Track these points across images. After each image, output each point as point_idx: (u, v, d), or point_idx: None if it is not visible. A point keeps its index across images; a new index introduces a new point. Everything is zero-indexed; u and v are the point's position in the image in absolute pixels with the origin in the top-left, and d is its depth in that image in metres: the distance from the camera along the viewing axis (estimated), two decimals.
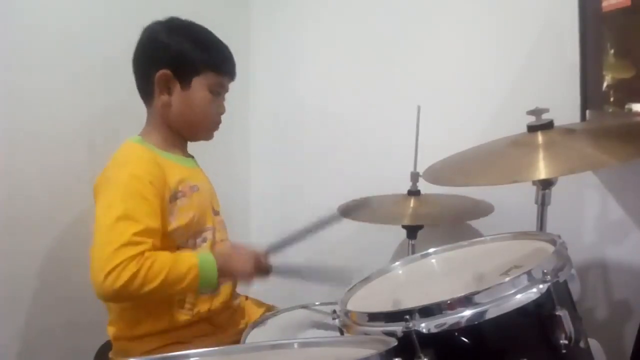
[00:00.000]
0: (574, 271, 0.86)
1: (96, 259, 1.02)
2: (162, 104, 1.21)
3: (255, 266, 1.17)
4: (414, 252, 1.42)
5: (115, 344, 1.19)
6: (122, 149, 1.19)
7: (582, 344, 0.84)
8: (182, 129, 1.26)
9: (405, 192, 1.47)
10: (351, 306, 0.93)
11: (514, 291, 0.79)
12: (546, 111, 1.14)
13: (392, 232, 1.59)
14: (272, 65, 1.96)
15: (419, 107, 1.45)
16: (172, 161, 1.22)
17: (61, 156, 1.36)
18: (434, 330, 0.78)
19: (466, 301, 0.79)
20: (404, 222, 1.41)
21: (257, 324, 1.21)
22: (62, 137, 1.36)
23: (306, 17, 1.88)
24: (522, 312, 0.78)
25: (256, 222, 1.99)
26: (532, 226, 1.20)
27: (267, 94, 1.97)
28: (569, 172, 1.09)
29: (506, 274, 0.90)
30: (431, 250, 1.12)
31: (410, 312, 0.79)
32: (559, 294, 0.80)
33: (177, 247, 1.17)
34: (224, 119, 1.31)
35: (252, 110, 1.99)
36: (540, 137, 1.10)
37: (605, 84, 1.30)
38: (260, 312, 1.34)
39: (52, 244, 1.34)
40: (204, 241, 1.22)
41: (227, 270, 1.14)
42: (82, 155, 1.40)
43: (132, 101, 1.25)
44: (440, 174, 1.21)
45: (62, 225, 1.36)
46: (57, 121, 1.34)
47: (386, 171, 1.66)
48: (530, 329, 0.81)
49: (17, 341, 1.28)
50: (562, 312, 0.78)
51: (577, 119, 1.39)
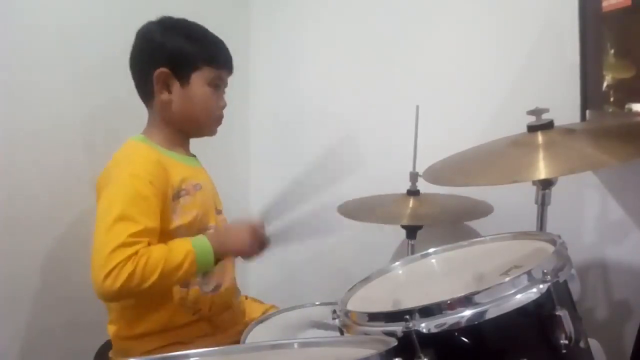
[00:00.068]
0: (574, 271, 0.86)
1: (95, 261, 1.03)
2: (163, 102, 1.21)
3: (253, 239, 1.16)
4: (413, 252, 1.42)
5: (115, 343, 1.19)
6: (124, 148, 1.19)
7: (582, 344, 0.84)
8: (185, 126, 1.26)
9: (404, 192, 1.47)
10: (351, 306, 0.93)
11: (514, 291, 0.79)
12: (546, 111, 1.14)
13: (392, 232, 1.59)
14: (272, 65, 1.96)
15: (418, 107, 1.45)
16: (175, 160, 1.22)
17: (61, 156, 1.36)
18: (434, 330, 0.78)
19: (466, 301, 0.78)
20: (403, 222, 1.41)
21: (257, 323, 1.21)
22: (62, 137, 1.36)
23: (306, 17, 1.88)
24: (522, 312, 0.78)
25: None
26: (532, 226, 1.20)
27: (267, 94, 1.97)
28: (569, 172, 1.09)
29: (506, 274, 0.90)
30: (431, 250, 1.12)
31: (410, 312, 0.79)
32: (559, 294, 0.80)
33: None
34: (224, 118, 1.31)
35: (252, 110, 1.99)
36: (540, 137, 1.10)
37: (605, 84, 1.30)
38: (260, 312, 1.35)
39: (52, 244, 1.34)
40: None
41: (224, 248, 1.14)
42: (82, 155, 1.40)
43: (132, 101, 1.25)
44: (440, 174, 1.21)
45: (62, 225, 1.36)
46: (57, 121, 1.35)
47: (386, 171, 1.66)
48: (530, 329, 0.81)
49: (17, 341, 1.29)
50: (562, 312, 0.78)
51: (577, 119, 1.39)
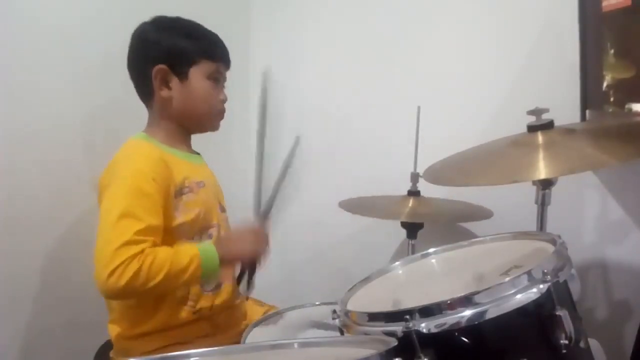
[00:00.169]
0: (574, 271, 0.86)
1: (99, 258, 1.02)
2: (163, 99, 1.21)
3: (256, 241, 1.17)
4: (414, 252, 1.42)
5: (116, 343, 1.19)
6: (126, 146, 1.19)
7: (582, 344, 0.84)
8: (186, 121, 1.26)
9: (405, 193, 1.47)
10: (351, 306, 0.93)
11: (514, 291, 0.79)
12: (546, 111, 1.14)
13: (392, 232, 1.59)
14: (272, 65, 1.95)
15: (419, 108, 1.45)
16: (178, 157, 1.22)
17: (61, 156, 1.36)
18: (434, 330, 0.78)
19: (466, 301, 0.78)
20: (402, 218, 1.40)
21: (257, 323, 1.21)
22: (62, 136, 1.36)
23: (306, 17, 1.88)
24: (522, 312, 0.78)
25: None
26: (532, 226, 1.20)
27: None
28: (569, 172, 1.09)
29: (506, 274, 0.90)
30: (431, 250, 1.12)
31: (410, 312, 0.79)
32: (559, 294, 0.80)
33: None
34: (224, 118, 1.31)
35: (252, 110, 1.98)
36: (540, 137, 1.10)
37: (605, 84, 1.30)
38: (260, 313, 1.34)
39: (52, 244, 1.34)
40: (210, 238, 1.22)
41: (229, 254, 1.14)
42: (82, 155, 1.40)
43: (132, 101, 1.26)
44: (440, 174, 1.21)
45: (62, 225, 1.36)
46: (57, 121, 1.35)
47: (386, 171, 1.66)
48: (530, 329, 0.81)
49: (17, 341, 1.29)
50: (562, 312, 0.78)
51: (577, 119, 1.39)
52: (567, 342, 0.78)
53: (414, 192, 1.46)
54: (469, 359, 0.80)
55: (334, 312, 0.92)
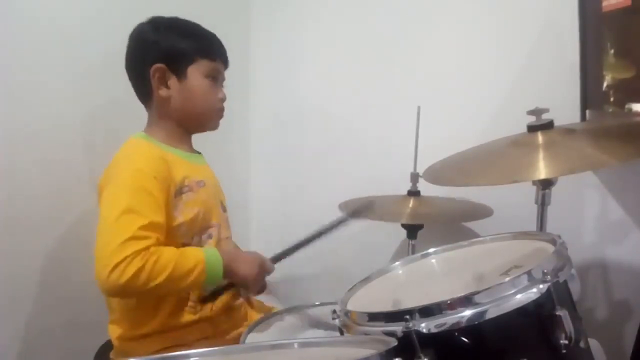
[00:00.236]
0: (574, 271, 0.86)
1: (100, 255, 1.01)
2: (162, 99, 1.21)
3: (260, 272, 1.18)
4: (414, 252, 1.42)
5: (116, 344, 1.19)
6: (126, 145, 1.19)
7: (582, 344, 0.84)
8: (186, 120, 1.26)
9: (405, 193, 1.47)
10: (351, 306, 0.93)
11: (514, 291, 0.79)
12: (546, 111, 1.14)
13: (392, 232, 1.59)
14: (272, 65, 1.96)
15: (419, 108, 1.45)
16: (178, 156, 1.22)
17: (61, 156, 1.36)
18: (434, 330, 0.78)
19: (466, 301, 0.78)
20: (403, 220, 1.41)
21: (257, 323, 1.20)
22: (62, 136, 1.36)
23: (306, 17, 1.88)
24: (522, 312, 0.78)
25: (256, 222, 1.99)
26: (532, 226, 1.20)
27: (267, 94, 1.97)
28: (569, 172, 1.09)
29: (506, 274, 0.90)
30: (431, 250, 1.12)
31: (410, 312, 0.79)
32: (559, 294, 0.80)
33: (182, 244, 1.16)
34: (224, 118, 1.31)
35: (252, 110, 1.99)
36: (540, 137, 1.10)
37: (605, 84, 1.30)
38: (261, 314, 1.34)
39: (52, 244, 1.34)
40: (210, 238, 1.21)
41: (232, 270, 1.14)
42: (82, 155, 1.40)
43: (132, 101, 1.25)
44: (440, 174, 1.22)
45: (62, 225, 1.36)
46: (57, 121, 1.35)
47: (386, 171, 1.66)
48: (530, 329, 0.81)
49: (17, 341, 1.28)
50: (562, 312, 0.78)
51: (577, 119, 1.39)
52: (567, 342, 0.78)
53: (414, 192, 1.46)
54: (468, 359, 0.80)
55: (334, 312, 0.92)
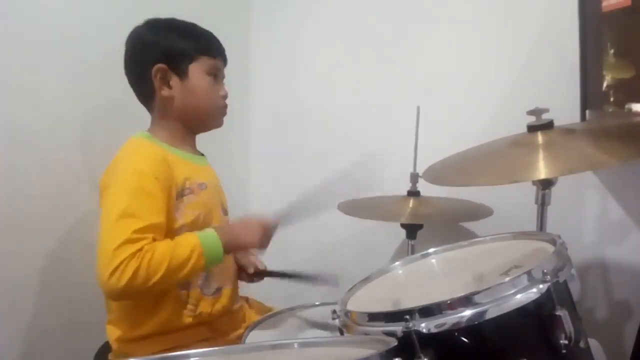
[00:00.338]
0: (574, 271, 0.86)
1: (100, 259, 1.03)
2: (164, 99, 1.21)
3: (262, 235, 1.16)
4: (414, 252, 1.42)
5: (115, 345, 1.18)
6: (127, 145, 1.19)
7: (582, 344, 0.84)
8: (189, 120, 1.25)
9: (405, 193, 1.47)
10: (351, 306, 0.93)
11: (514, 291, 0.79)
12: (546, 111, 1.14)
13: (392, 232, 1.59)
14: (272, 65, 1.96)
15: (419, 108, 1.45)
16: (181, 157, 1.22)
17: (61, 156, 1.36)
18: (434, 330, 0.78)
19: (466, 301, 0.79)
20: (403, 220, 1.41)
21: (257, 324, 1.20)
22: (62, 137, 1.36)
23: (306, 17, 1.88)
24: (522, 312, 0.78)
25: None
26: (532, 226, 1.20)
27: (267, 94, 1.97)
28: (569, 172, 1.09)
29: (506, 274, 0.90)
30: (431, 250, 1.12)
31: (410, 312, 0.79)
32: (559, 294, 0.80)
33: None
34: (224, 118, 1.31)
35: (252, 110, 1.99)
36: (540, 137, 1.10)
37: (605, 84, 1.30)
38: (261, 314, 1.34)
39: (52, 244, 1.34)
40: None
41: (233, 242, 1.14)
42: (82, 155, 1.40)
43: (132, 100, 1.25)
44: (440, 174, 1.21)
45: (62, 225, 1.36)
46: (57, 121, 1.34)
47: (386, 172, 1.66)
48: (530, 329, 0.81)
49: (17, 341, 1.28)
50: (562, 312, 0.78)
51: (577, 119, 1.39)
52: (567, 342, 0.78)
53: (413, 193, 1.46)
54: (468, 359, 0.80)
55: (334, 312, 0.92)
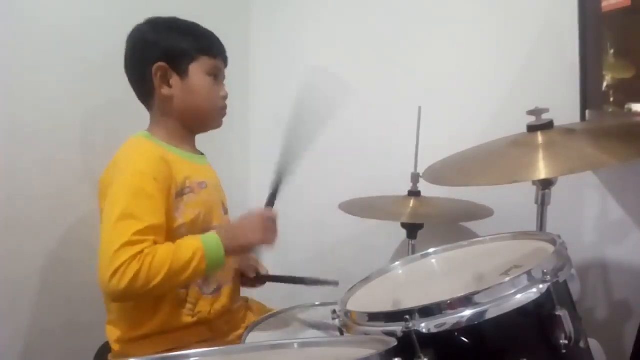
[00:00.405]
0: (574, 271, 0.86)
1: (101, 261, 1.03)
2: (164, 98, 1.21)
3: (265, 229, 1.15)
4: (414, 252, 1.42)
5: (115, 346, 1.18)
6: (127, 145, 1.19)
7: (582, 344, 0.84)
8: (189, 119, 1.25)
9: (405, 193, 1.47)
10: (351, 306, 0.93)
11: (514, 291, 0.79)
12: (546, 111, 1.14)
13: (392, 232, 1.59)
14: (272, 65, 1.96)
15: (420, 108, 1.45)
16: (180, 157, 1.21)
17: (61, 156, 1.36)
18: (434, 330, 0.78)
19: (466, 301, 0.79)
20: (404, 220, 1.41)
21: (257, 324, 1.20)
22: (62, 137, 1.36)
23: (306, 17, 1.88)
24: (522, 312, 0.78)
25: None
26: (532, 226, 1.20)
27: (267, 94, 1.97)
28: (569, 172, 1.09)
29: (506, 274, 0.90)
30: (431, 250, 1.12)
31: (410, 312, 0.79)
32: (559, 294, 0.80)
33: None
34: (224, 118, 1.30)
35: (252, 110, 1.99)
36: (540, 137, 1.10)
37: (605, 84, 1.30)
38: (261, 315, 1.34)
39: (52, 244, 1.34)
40: None
41: (236, 244, 1.13)
42: (82, 155, 1.40)
43: (132, 100, 1.25)
44: (440, 174, 1.22)
45: (62, 225, 1.36)
46: (57, 121, 1.34)
47: (386, 172, 1.66)
48: (530, 329, 0.81)
49: (17, 341, 1.28)
50: (562, 312, 0.78)
51: (577, 119, 1.39)
52: (567, 342, 0.78)
53: (414, 193, 1.46)
54: (468, 359, 0.80)
55: (334, 312, 0.92)
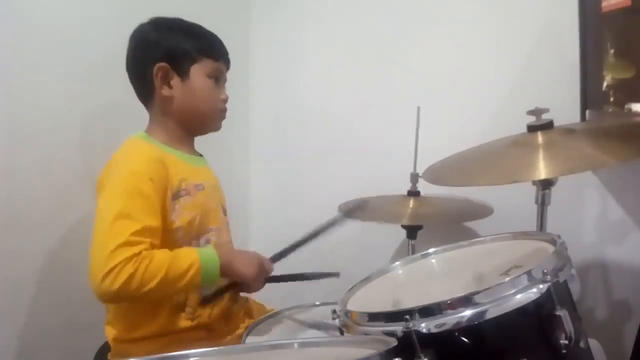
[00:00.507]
0: (574, 271, 0.86)
1: (94, 260, 1.01)
2: (164, 98, 1.20)
3: (260, 271, 1.17)
4: (414, 252, 1.42)
5: (113, 345, 1.18)
6: (125, 145, 1.19)
7: (582, 344, 0.84)
8: (188, 121, 1.24)
9: (405, 193, 1.47)
10: (351, 306, 0.93)
11: (514, 291, 0.79)
12: (546, 111, 1.14)
13: (392, 232, 1.59)
14: (272, 65, 1.96)
15: (419, 108, 1.45)
16: (178, 158, 1.21)
17: (61, 156, 1.36)
18: (434, 330, 0.78)
19: (466, 301, 0.79)
20: (404, 222, 1.41)
21: (257, 324, 1.20)
22: (62, 137, 1.36)
23: (306, 17, 1.88)
24: (522, 312, 0.78)
25: (256, 223, 1.99)
26: (532, 226, 1.20)
27: (267, 94, 1.97)
28: (569, 172, 1.09)
29: (506, 274, 0.90)
30: (431, 250, 1.12)
31: (410, 312, 0.79)
32: (559, 294, 0.80)
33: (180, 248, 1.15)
34: (224, 120, 1.30)
35: (252, 110, 1.99)
36: (540, 137, 1.10)
37: (605, 84, 1.30)
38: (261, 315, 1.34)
39: (52, 244, 1.34)
40: (207, 242, 1.20)
41: (230, 270, 1.13)
42: (82, 155, 1.40)
43: (132, 100, 1.25)
44: (440, 174, 1.22)
45: (62, 225, 1.36)
46: (57, 121, 1.34)
47: (386, 172, 1.66)
48: (530, 329, 0.81)
49: (16, 341, 1.28)
50: (562, 312, 0.78)
51: (577, 119, 1.39)
52: (567, 342, 0.78)
53: (413, 193, 1.46)
54: (469, 359, 0.80)
55: (334, 312, 0.92)
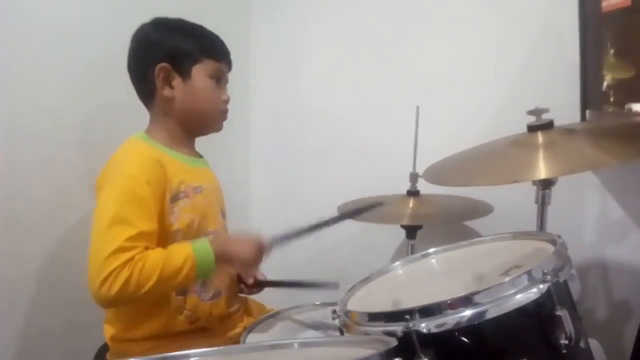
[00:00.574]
0: (574, 271, 0.86)
1: (91, 267, 1.02)
2: (165, 99, 1.20)
3: (257, 250, 1.14)
4: (413, 252, 1.42)
5: (111, 344, 1.18)
6: (124, 146, 1.18)
7: (582, 344, 0.84)
8: (189, 122, 1.24)
9: (404, 193, 1.47)
10: (351, 306, 0.93)
11: (514, 291, 0.79)
12: (546, 111, 1.14)
13: (392, 232, 1.59)
14: (272, 65, 1.96)
15: (418, 108, 1.45)
16: (177, 160, 1.20)
17: (61, 156, 1.36)
18: (434, 330, 0.78)
19: (466, 301, 0.79)
20: (403, 222, 1.41)
21: (257, 324, 1.20)
22: (62, 137, 1.36)
23: (306, 17, 1.88)
24: (522, 312, 0.78)
25: (256, 223, 1.99)
26: (532, 226, 1.20)
27: (267, 94, 1.97)
28: (569, 172, 1.09)
29: (506, 274, 0.90)
30: (431, 250, 1.12)
31: (410, 312, 0.79)
32: (559, 294, 0.80)
33: None
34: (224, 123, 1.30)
35: (252, 110, 1.99)
36: (540, 137, 1.10)
37: (605, 84, 1.30)
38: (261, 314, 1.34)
39: (52, 244, 1.34)
40: None
41: (227, 255, 1.12)
42: (82, 155, 1.40)
43: (132, 100, 1.25)
44: (440, 174, 1.22)
45: (62, 225, 1.36)
46: (57, 121, 1.34)
47: (385, 171, 1.66)
48: (530, 329, 0.81)
49: (16, 341, 1.28)
50: (562, 312, 0.78)
51: (577, 119, 1.39)
52: (567, 342, 0.78)
53: (413, 192, 1.46)
54: (469, 359, 0.80)
55: (334, 312, 0.92)
